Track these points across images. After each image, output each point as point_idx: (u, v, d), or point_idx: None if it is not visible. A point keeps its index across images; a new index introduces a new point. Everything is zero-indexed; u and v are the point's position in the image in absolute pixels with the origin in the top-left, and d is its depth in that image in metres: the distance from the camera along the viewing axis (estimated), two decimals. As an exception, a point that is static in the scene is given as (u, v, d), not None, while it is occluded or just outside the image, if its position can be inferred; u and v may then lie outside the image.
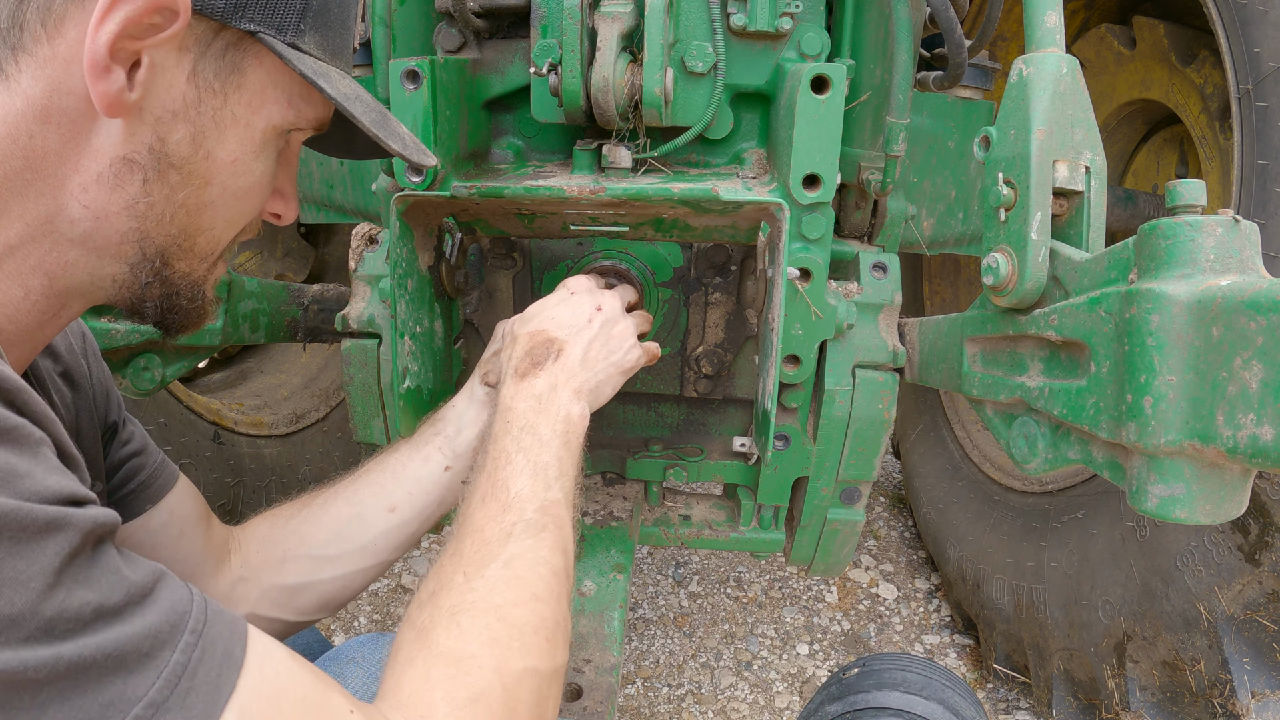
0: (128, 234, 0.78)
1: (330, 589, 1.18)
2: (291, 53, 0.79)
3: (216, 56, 0.77)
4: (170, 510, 1.09)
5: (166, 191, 0.78)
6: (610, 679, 1.26)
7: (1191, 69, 2.17)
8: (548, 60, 1.27)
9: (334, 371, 2.85)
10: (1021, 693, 2.21)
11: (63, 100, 0.71)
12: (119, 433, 1.05)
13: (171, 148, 0.77)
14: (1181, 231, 0.85)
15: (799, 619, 2.52)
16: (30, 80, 0.70)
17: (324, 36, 0.83)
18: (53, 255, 0.76)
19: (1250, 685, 1.55)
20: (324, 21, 0.82)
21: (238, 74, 0.78)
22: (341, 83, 0.85)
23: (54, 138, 0.72)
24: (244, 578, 1.16)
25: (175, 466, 1.12)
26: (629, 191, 1.25)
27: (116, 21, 0.68)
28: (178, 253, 0.82)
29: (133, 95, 0.72)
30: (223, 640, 0.61)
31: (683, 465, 1.62)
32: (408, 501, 1.19)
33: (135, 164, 0.75)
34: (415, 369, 1.36)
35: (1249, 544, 1.51)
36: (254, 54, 0.79)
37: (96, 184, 0.75)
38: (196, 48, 0.75)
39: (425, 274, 1.35)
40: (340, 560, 1.17)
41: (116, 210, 0.76)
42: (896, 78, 1.34)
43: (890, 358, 1.39)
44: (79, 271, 0.78)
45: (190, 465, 2.14)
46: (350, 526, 1.17)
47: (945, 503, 2.54)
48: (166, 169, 0.77)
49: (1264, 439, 0.75)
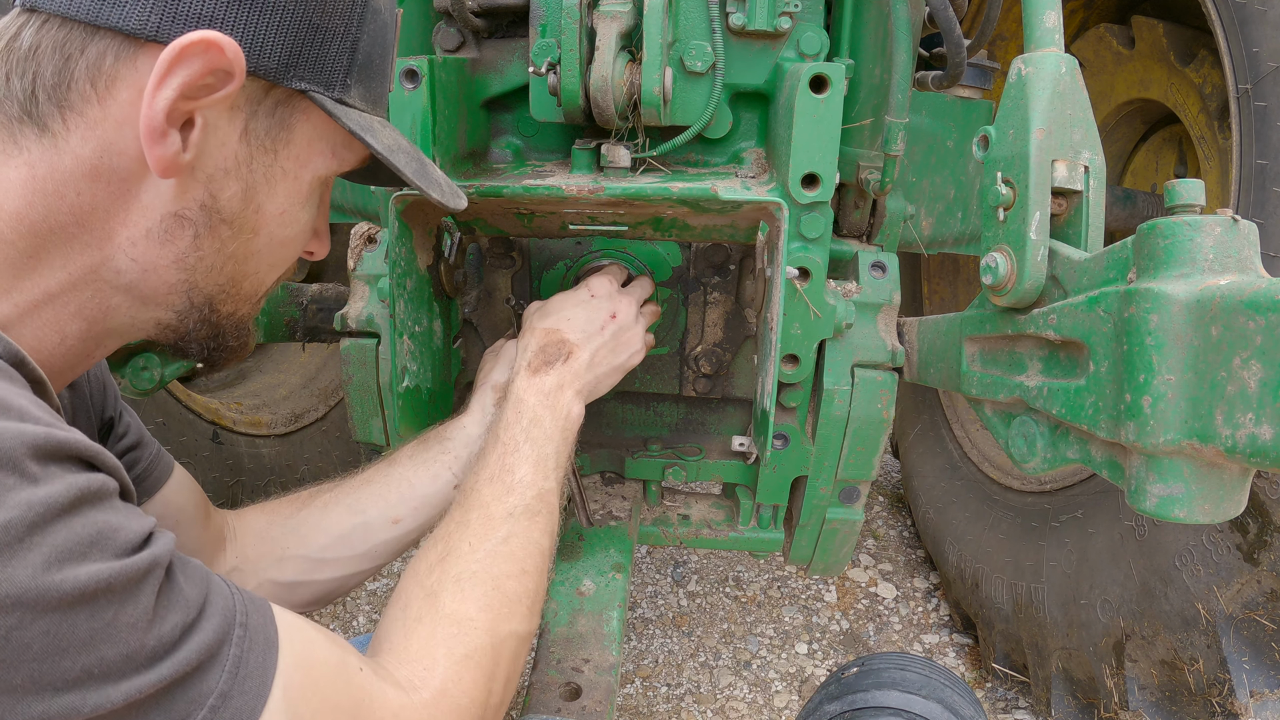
0: (176, 285, 0.79)
1: (326, 588, 1.21)
2: (339, 108, 0.81)
3: (267, 114, 0.78)
4: (166, 502, 1.10)
5: (217, 245, 0.79)
6: (609, 678, 1.26)
7: (1190, 69, 2.17)
8: (546, 59, 1.27)
9: (333, 371, 2.85)
10: (1020, 692, 2.21)
11: (113, 160, 0.71)
12: (115, 427, 1.05)
13: (223, 203, 0.78)
14: (1180, 231, 0.85)
15: (798, 618, 2.53)
16: (80, 140, 0.70)
17: (367, 87, 0.84)
18: (94, 301, 0.76)
19: (1249, 684, 1.55)
20: (368, 74, 0.84)
21: (287, 130, 0.80)
22: (384, 134, 0.87)
23: (102, 195, 0.72)
24: (239, 568, 1.17)
25: (171, 458, 1.13)
26: (628, 191, 1.25)
27: (174, 87, 0.69)
28: (224, 298, 0.84)
29: (187, 156, 0.72)
30: (261, 627, 0.68)
31: (681, 465, 1.62)
32: (413, 516, 1.22)
33: (186, 220, 0.76)
34: (414, 368, 1.36)
35: (1248, 543, 1.51)
36: (302, 109, 0.80)
37: (146, 238, 0.75)
38: (248, 106, 0.76)
39: (424, 273, 1.35)
40: (340, 563, 1.20)
41: (166, 264, 0.77)
42: (895, 77, 1.34)
43: (889, 357, 1.39)
44: (120, 315, 0.79)
45: (189, 465, 2.12)
46: (353, 534, 1.20)
47: (944, 502, 2.54)
48: (218, 224, 0.78)
49: (1263, 438, 0.75)
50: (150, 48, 0.69)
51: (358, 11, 0.81)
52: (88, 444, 0.62)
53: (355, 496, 1.21)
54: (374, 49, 0.84)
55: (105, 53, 0.69)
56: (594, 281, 1.29)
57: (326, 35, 0.78)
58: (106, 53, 0.69)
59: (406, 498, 1.21)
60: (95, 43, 0.69)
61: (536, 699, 1.22)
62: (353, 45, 0.81)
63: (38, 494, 0.55)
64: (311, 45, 0.77)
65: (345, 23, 0.80)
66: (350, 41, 0.80)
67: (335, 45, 0.79)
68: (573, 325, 1.22)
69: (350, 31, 0.80)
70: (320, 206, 0.91)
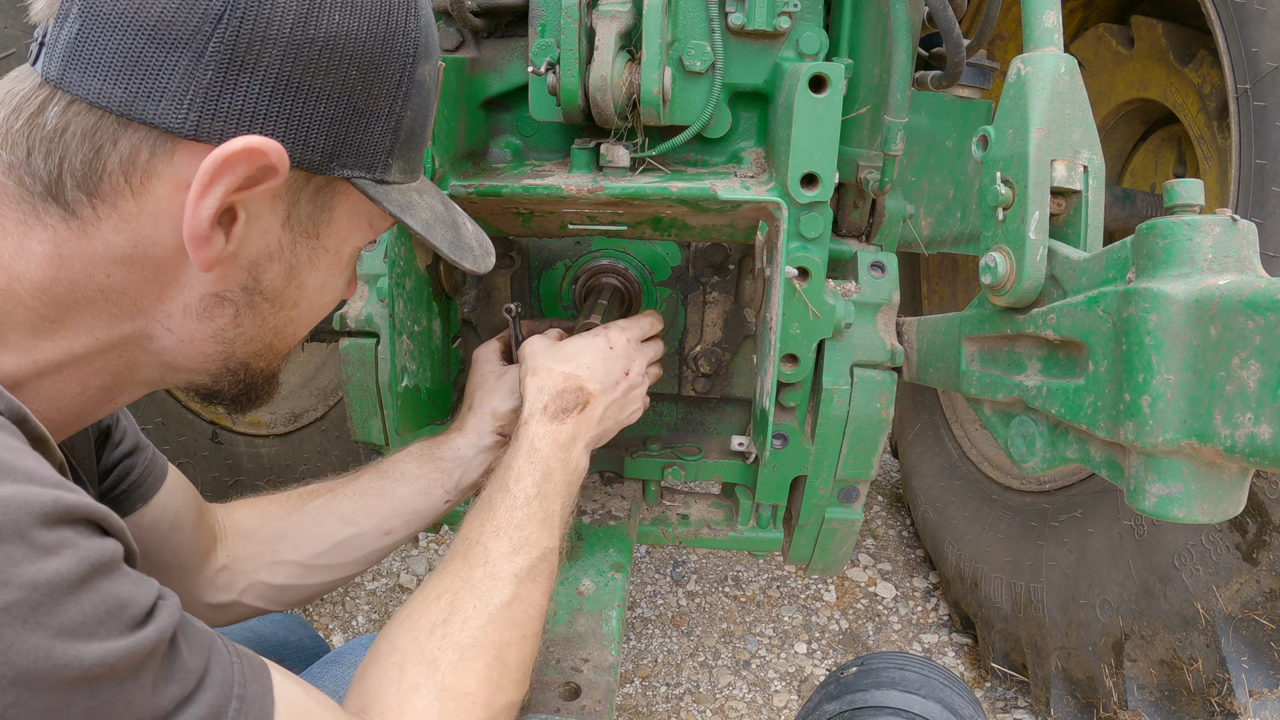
0: (212, 355, 0.78)
1: (317, 590, 1.23)
2: (379, 190, 0.79)
3: (309, 200, 0.76)
4: (162, 506, 1.10)
5: (258, 321, 0.79)
6: (608, 678, 1.26)
7: (1190, 68, 2.17)
8: (546, 59, 1.27)
9: (332, 370, 2.85)
10: (1019, 691, 2.21)
11: (150, 250, 0.70)
12: (112, 434, 1.05)
13: (265, 285, 0.77)
14: (1179, 231, 0.85)
15: (797, 618, 2.53)
16: (112, 230, 0.68)
17: (408, 160, 0.83)
18: (122, 361, 0.75)
19: (1248, 684, 1.55)
20: (409, 147, 0.82)
21: (329, 212, 0.78)
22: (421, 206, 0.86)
23: (136, 278, 0.70)
24: (229, 567, 1.18)
25: (165, 460, 1.13)
26: (627, 190, 1.25)
27: (218, 195, 0.67)
28: (258, 360, 0.83)
29: (230, 248, 0.71)
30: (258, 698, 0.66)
31: (681, 464, 1.62)
32: (404, 528, 1.24)
33: (228, 300, 0.75)
34: (413, 368, 1.36)
35: (1247, 543, 1.51)
36: (343, 192, 0.79)
37: (182, 314, 0.74)
38: (289, 195, 0.74)
39: (423, 273, 1.35)
40: (332, 569, 1.22)
41: (204, 337, 0.76)
42: (895, 77, 1.34)
43: (888, 357, 1.39)
44: (147, 373, 0.78)
45: (188, 464, 2.14)
46: (345, 544, 1.21)
47: (943, 502, 2.54)
48: (260, 302, 0.77)
49: (1262, 438, 0.75)
50: (188, 145, 0.67)
51: (403, 90, 0.77)
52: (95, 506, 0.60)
53: (349, 506, 1.22)
54: (416, 121, 0.81)
55: (140, 147, 0.66)
56: (614, 334, 1.26)
57: (370, 118, 0.75)
58: (141, 147, 0.66)
59: (399, 511, 1.23)
60: (128, 136, 0.66)
61: (535, 699, 1.22)
62: (396, 124, 0.78)
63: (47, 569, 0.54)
64: (355, 131, 0.75)
65: (390, 104, 0.76)
66: (394, 121, 0.78)
67: (378, 128, 0.76)
68: (592, 374, 1.19)
69: (394, 112, 0.77)
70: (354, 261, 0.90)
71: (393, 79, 0.76)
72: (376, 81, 0.74)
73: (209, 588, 1.17)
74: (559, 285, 1.57)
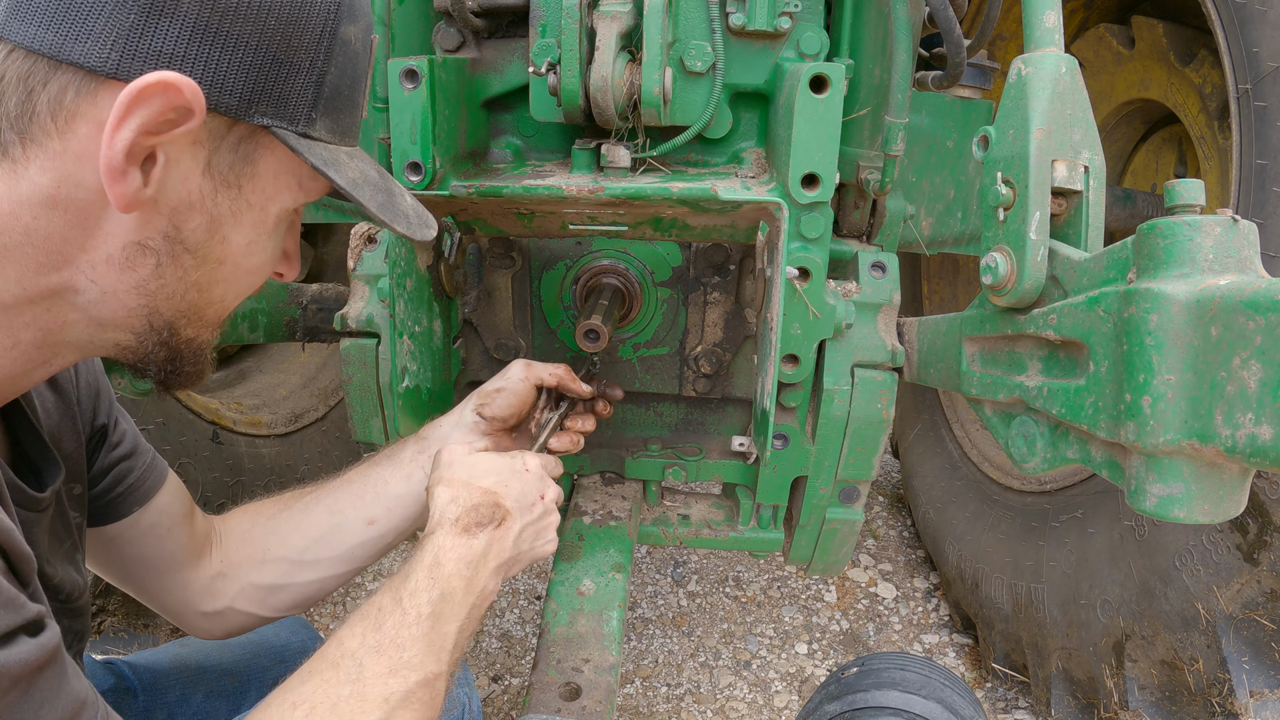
0: (135, 310, 0.78)
1: (305, 591, 1.21)
2: (303, 143, 0.79)
3: (230, 149, 0.77)
4: (160, 510, 1.10)
5: (180, 273, 0.78)
6: (609, 678, 1.26)
7: (1190, 69, 2.17)
8: (546, 59, 1.27)
9: (333, 371, 2.85)
10: (1020, 692, 2.21)
11: (73, 191, 0.71)
12: (109, 435, 1.05)
13: (187, 235, 0.77)
14: (1180, 231, 0.85)
15: (798, 618, 2.53)
16: (38, 171, 0.70)
17: (334, 120, 0.83)
18: (50, 315, 0.76)
19: (1249, 684, 1.55)
20: (335, 106, 0.82)
21: (250, 164, 0.79)
22: (350, 166, 0.85)
23: (60, 223, 0.72)
24: (223, 573, 1.18)
25: (164, 464, 1.13)
26: (628, 191, 1.25)
27: (132, 128, 0.68)
28: (185, 323, 0.82)
29: (148, 191, 0.72)
30: None
31: (681, 465, 1.62)
32: (386, 516, 1.22)
33: (149, 249, 0.75)
34: (414, 368, 1.36)
35: (1247, 543, 1.51)
36: (266, 144, 0.79)
37: (106, 264, 0.75)
38: (210, 142, 0.75)
39: (424, 273, 1.35)
40: (317, 565, 1.20)
41: (125, 289, 0.76)
42: (895, 77, 1.34)
43: (889, 357, 1.39)
44: (77, 332, 0.78)
45: (189, 465, 2.14)
46: (329, 535, 1.20)
47: (944, 502, 2.54)
48: (181, 253, 0.77)
49: (1262, 438, 0.75)
50: (111, 85, 0.69)
51: (324, 44, 0.79)
52: None
53: (334, 497, 1.22)
54: (342, 81, 0.82)
55: (66, 88, 0.69)
56: (527, 457, 1.18)
57: (290, 70, 0.77)
58: (68, 88, 0.69)
59: (381, 497, 1.22)
60: (57, 77, 0.69)
61: (536, 699, 1.22)
62: (319, 79, 0.79)
63: None
64: (275, 80, 0.76)
65: (311, 56, 0.78)
66: (316, 75, 0.79)
67: (300, 80, 0.78)
68: (509, 492, 1.10)
69: (316, 65, 0.78)
70: (290, 231, 0.90)
71: (313, 32, 0.77)
72: (296, 34, 0.76)
73: (204, 595, 1.17)
74: (560, 285, 1.57)
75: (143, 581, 1.14)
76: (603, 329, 1.31)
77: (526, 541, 1.11)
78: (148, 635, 2.09)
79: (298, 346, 2.86)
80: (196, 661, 1.29)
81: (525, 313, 1.59)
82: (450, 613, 0.96)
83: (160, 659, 1.29)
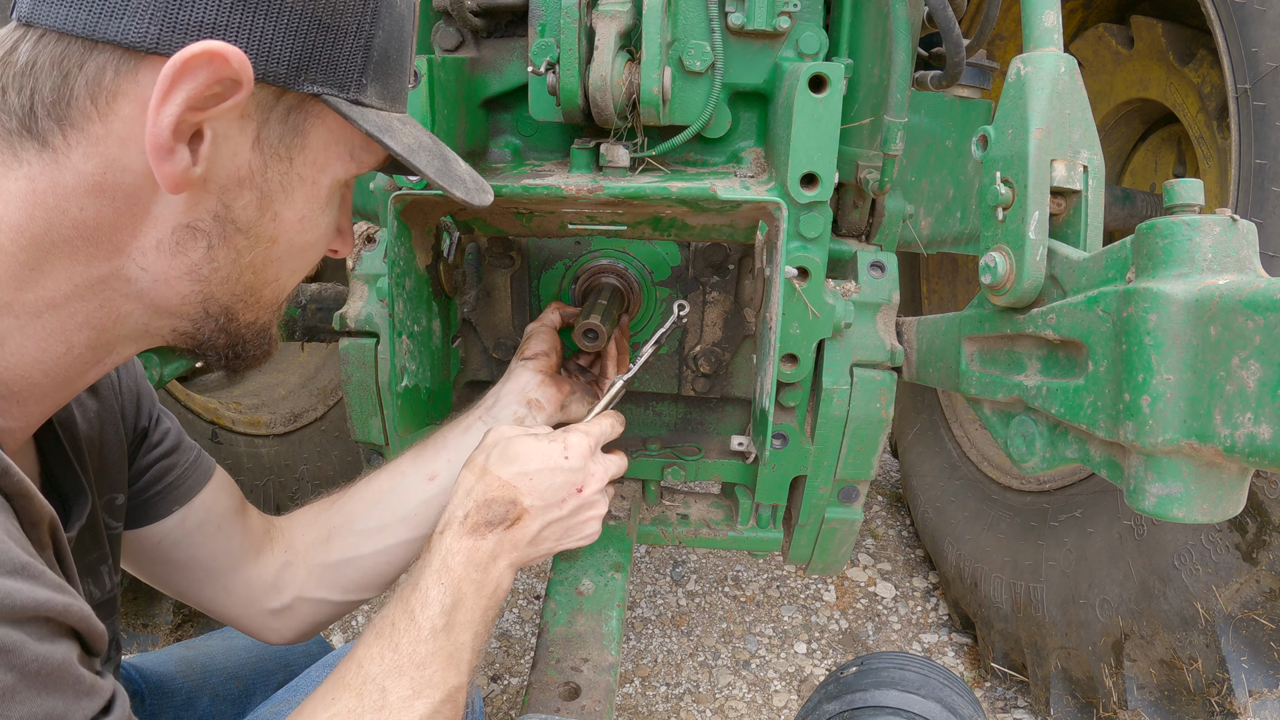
0: (190, 296, 0.76)
1: (373, 563, 1.17)
2: (355, 110, 0.77)
3: (280, 121, 0.74)
4: (207, 507, 1.08)
5: (233, 255, 0.76)
6: (608, 678, 1.26)
7: (1189, 68, 2.17)
8: (545, 59, 1.27)
9: (332, 370, 2.85)
10: (1019, 691, 2.21)
11: (119, 176, 0.68)
12: (150, 435, 1.03)
13: (237, 213, 0.74)
14: (1179, 231, 0.85)
15: (797, 618, 2.53)
16: (82, 157, 0.67)
17: (384, 85, 0.80)
18: (103, 311, 0.73)
19: (1248, 684, 1.55)
20: (384, 70, 0.80)
21: (301, 135, 0.76)
22: (404, 132, 0.83)
23: (108, 210, 0.69)
24: (290, 562, 1.15)
25: (211, 461, 1.11)
26: (627, 190, 1.25)
27: (178, 102, 0.65)
28: (242, 307, 0.80)
29: (197, 170, 0.69)
30: None
31: (681, 464, 1.62)
32: (447, 469, 1.18)
33: (199, 231, 0.73)
34: (413, 368, 1.36)
35: (1246, 543, 1.51)
36: (316, 114, 0.76)
37: (156, 250, 0.72)
38: (259, 114, 0.72)
39: (423, 273, 1.34)
40: (382, 533, 1.16)
41: (178, 275, 0.74)
42: (894, 77, 1.34)
43: (888, 357, 1.39)
44: (132, 323, 0.76)
45: (188, 464, 2.14)
46: (391, 497, 1.17)
47: (943, 502, 2.54)
48: (233, 234, 0.75)
49: (1261, 438, 0.75)
50: (152, 60, 0.66)
51: (371, 6, 0.76)
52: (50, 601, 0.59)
53: (395, 463, 1.21)
54: (390, 44, 0.79)
55: (105, 68, 0.66)
56: (574, 439, 1.11)
57: (338, 34, 0.74)
58: (106, 68, 0.66)
59: (441, 450, 1.20)
60: (94, 58, 0.66)
61: (535, 699, 1.22)
62: (366, 43, 0.76)
63: None
64: (322, 46, 0.73)
65: (358, 20, 0.75)
66: (364, 39, 0.76)
67: (348, 44, 0.75)
68: (533, 487, 1.04)
69: (364, 29, 0.76)
70: (343, 206, 0.87)
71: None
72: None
73: (269, 591, 1.14)
74: (559, 285, 1.57)
75: (200, 586, 1.11)
76: (601, 328, 1.31)
77: (550, 540, 1.07)
78: (147, 635, 2.09)
79: (297, 346, 2.86)
80: (202, 665, 1.29)
81: (524, 312, 1.59)
82: (463, 620, 0.94)
83: (166, 662, 1.28)
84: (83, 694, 0.60)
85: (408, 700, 0.86)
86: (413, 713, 0.86)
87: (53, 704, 0.57)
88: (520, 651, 2.36)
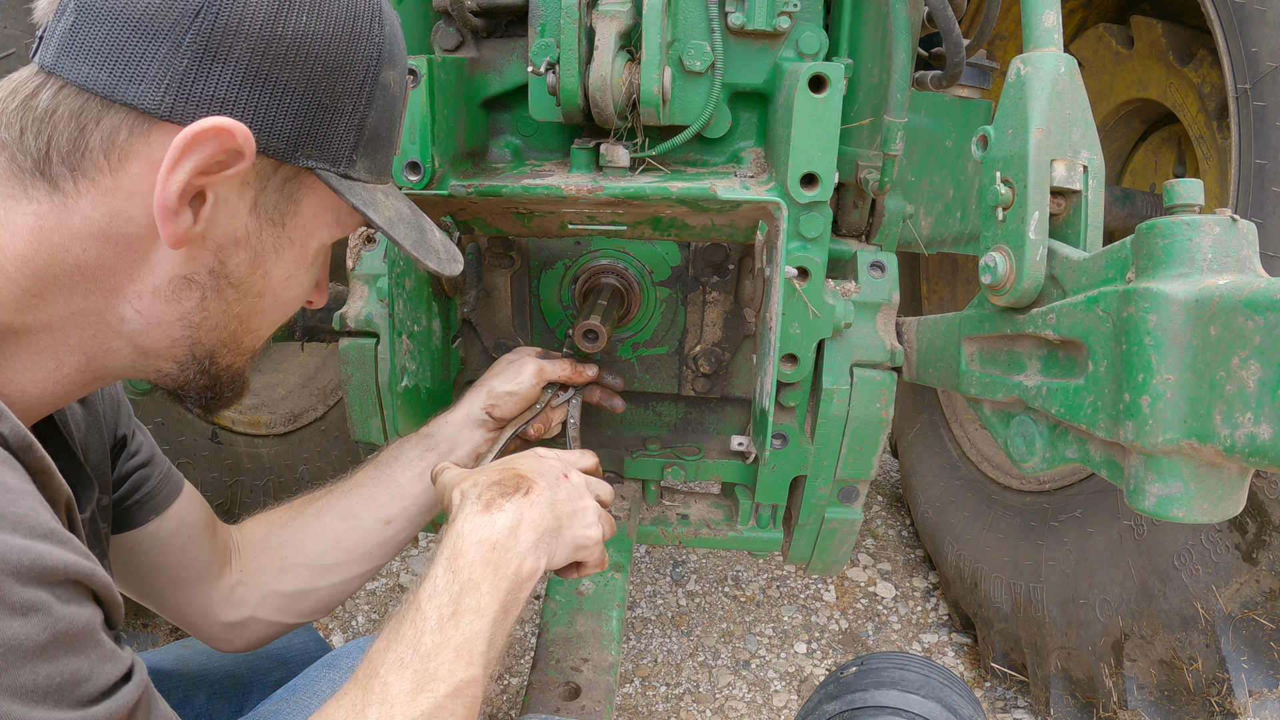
0: (179, 340, 0.81)
1: (328, 594, 1.22)
2: (344, 184, 0.83)
3: (276, 189, 0.80)
4: (179, 519, 1.11)
5: (223, 306, 0.81)
6: (608, 678, 1.26)
7: (1189, 68, 2.17)
8: (545, 59, 1.27)
9: (332, 370, 2.85)
10: (1019, 691, 2.21)
11: (123, 226, 0.73)
12: (128, 444, 1.06)
13: (231, 269, 0.80)
14: (1179, 231, 0.85)
15: (797, 618, 2.53)
16: (90, 205, 0.72)
17: (372, 160, 0.86)
18: (95, 341, 0.78)
19: (1248, 684, 1.55)
20: (374, 147, 0.85)
21: (294, 203, 0.82)
22: (386, 205, 0.89)
23: (110, 255, 0.74)
24: (242, 581, 1.18)
25: (180, 476, 1.14)
26: (627, 190, 1.25)
27: (187, 170, 0.71)
28: (225, 351, 0.85)
29: (198, 228, 0.75)
30: None
31: (681, 464, 1.62)
32: (403, 515, 1.23)
33: (195, 283, 0.78)
34: (413, 368, 1.36)
35: (1246, 543, 1.51)
36: (309, 185, 0.82)
37: (152, 295, 0.77)
38: (258, 182, 0.78)
39: (422, 273, 1.34)
40: (338, 569, 1.21)
41: (170, 320, 0.79)
42: (894, 77, 1.34)
43: (888, 357, 1.39)
44: (120, 358, 0.80)
45: (188, 465, 2.14)
46: (346, 538, 1.21)
47: (943, 502, 2.54)
48: (225, 287, 0.80)
49: (1261, 438, 0.75)
50: (164, 126, 0.72)
51: (367, 90, 0.82)
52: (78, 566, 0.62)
53: (345, 502, 1.23)
54: (381, 123, 0.85)
55: (120, 127, 0.71)
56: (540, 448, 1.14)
57: (335, 114, 0.80)
58: (121, 127, 0.71)
59: (396, 498, 1.23)
60: (110, 116, 0.71)
61: (536, 699, 1.22)
62: (360, 122, 0.82)
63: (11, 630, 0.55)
64: (320, 124, 0.79)
65: (354, 101, 0.81)
66: (358, 119, 0.82)
67: (343, 124, 0.81)
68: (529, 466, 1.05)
69: (359, 109, 0.81)
70: (322, 264, 0.93)
71: (356, 79, 0.80)
72: (340, 80, 0.79)
73: (224, 606, 1.17)
74: (558, 285, 1.57)
75: (162, 592, 1.15)
76: (601, 329, 1.31)
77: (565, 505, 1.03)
78: (146, 635, 2.09)
79: (296, 346, 2.86)
80: (199, 663, 1.30)
81: (524, 312, 1.59)
82: (477, 607, 0.89)
83: (163, 660, 1.29)
84: (106, 658, 0.63)
85: (410, 696, 0.82)
86: (414, 708, 0.82)
87: (79, 664, 0.60)
88: (520, 651, 2.36)
